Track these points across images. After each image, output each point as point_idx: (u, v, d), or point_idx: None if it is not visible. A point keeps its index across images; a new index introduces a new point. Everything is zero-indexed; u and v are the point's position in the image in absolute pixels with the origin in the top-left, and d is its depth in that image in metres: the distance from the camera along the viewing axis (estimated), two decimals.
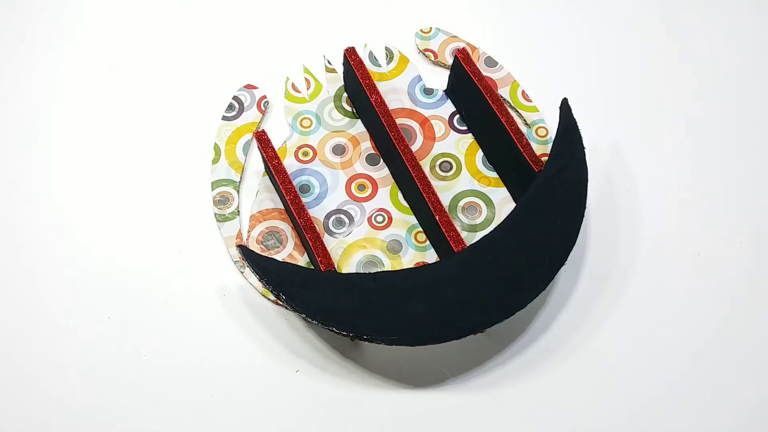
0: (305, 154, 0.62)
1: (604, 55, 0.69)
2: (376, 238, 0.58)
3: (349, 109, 0.65)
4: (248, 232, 0.58)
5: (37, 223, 0.60)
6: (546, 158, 0.56)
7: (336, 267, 0.55)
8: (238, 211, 0.60)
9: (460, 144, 0.63)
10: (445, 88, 0.66)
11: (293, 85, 0.66)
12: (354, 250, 0.58)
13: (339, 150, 0.62)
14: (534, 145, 0.58)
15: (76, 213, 0.60)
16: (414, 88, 0.66)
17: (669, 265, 0.58)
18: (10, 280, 0.57)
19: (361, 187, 0.61)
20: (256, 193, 0.60)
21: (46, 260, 0.58)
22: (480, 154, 0.62)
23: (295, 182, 0.60)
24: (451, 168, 0.62)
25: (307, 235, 0.53)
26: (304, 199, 0.59)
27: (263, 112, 0.65)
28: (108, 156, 0.63)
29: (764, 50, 0.70)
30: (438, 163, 0.62)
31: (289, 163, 0.61)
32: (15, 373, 0.54)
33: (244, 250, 0.54)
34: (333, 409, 0.52)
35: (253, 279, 0.56)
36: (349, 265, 0.57)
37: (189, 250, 0.58)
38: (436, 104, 0.65)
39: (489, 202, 0.60)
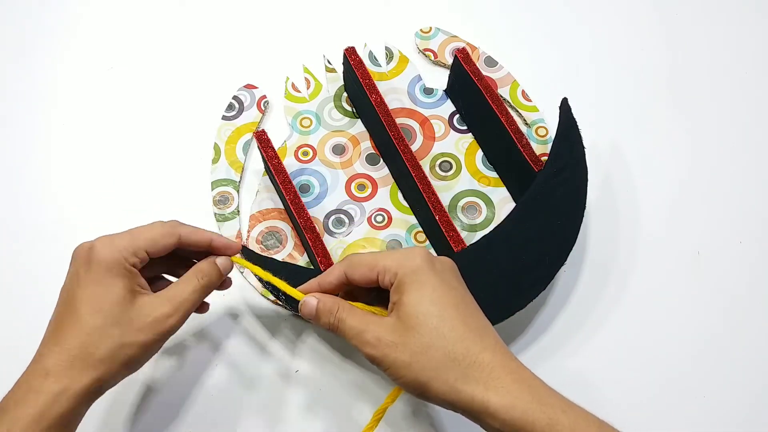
0: (305, 153, 0.62)
1: (603, 54, 0.69)
2: (375, 237, 0.58)
3: (349, 108, 0.65)
4: (248, 231, 0.58)
5: (37, 223, 0.60)
6: (546, 158, 0.56)
7: None
8: (238, 211, 0.60)
9: (459, 144, 0.63)
10: (444, 87, 0.66)
11: (293, 85, 0.66)
12: (354, 250, 0.58)
13: (339, 150, 0.62)
14: (534, 145, 0.58)
15: (76, 213, 0.60)
16: (414, 88, 0.66)
17: (669, 264, 0.59)
18: (10, 281, 0.57)
19: (361, 187, 0.61)
20: (256, 192, 0.60)
21: (45, 260, 0.58)
22: (480, 153, 0.62)
23: (295, 182, 0.60)
24: (450, 168, 0.62)
25: (307, 235, 0.53)
26: (304, 199, 0.59)
27: (263, 112, 0.65)
28: (108, 156, 0.63)
29: (764, 50, 0.70)
30: (438, 162, 0.62)
31: (289, 163, 0.61)
32: (15, 375, 0.54)
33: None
34: (333, 409, 0.52)
35: (253, 279, 0.56)
36: None
37: None
38: (435, 104, 0.65)
39: (489, 202, 0.60)
